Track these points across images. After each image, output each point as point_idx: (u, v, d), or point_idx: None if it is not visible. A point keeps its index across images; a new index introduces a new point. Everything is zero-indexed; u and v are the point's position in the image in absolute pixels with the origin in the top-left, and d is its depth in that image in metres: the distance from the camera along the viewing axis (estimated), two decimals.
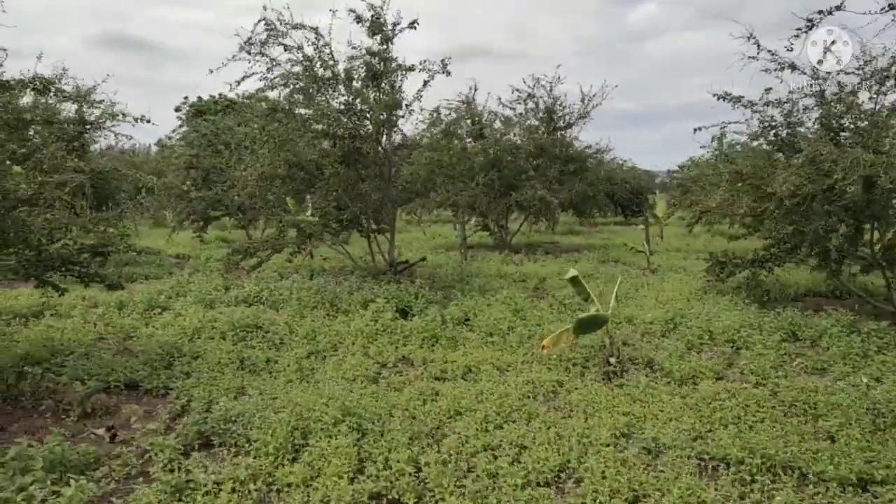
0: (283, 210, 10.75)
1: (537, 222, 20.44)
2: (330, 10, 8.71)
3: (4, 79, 5.06)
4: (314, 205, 10.23)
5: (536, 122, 16.52)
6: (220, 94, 38.42)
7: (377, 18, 8.81)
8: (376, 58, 8.99)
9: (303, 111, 9.41)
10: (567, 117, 16.58)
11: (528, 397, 5.41)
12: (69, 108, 12.65)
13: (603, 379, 5.93)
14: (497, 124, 16.73)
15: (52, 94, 5.34)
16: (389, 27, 9.00)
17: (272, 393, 5.44)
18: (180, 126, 34.39)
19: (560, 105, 16.31)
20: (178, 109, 40.32)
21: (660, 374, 6.12)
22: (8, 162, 5.48)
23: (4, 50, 5.12)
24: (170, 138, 33.33)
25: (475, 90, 15.82)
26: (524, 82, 16.32)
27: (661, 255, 15.70)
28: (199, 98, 38.43)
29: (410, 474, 3.93)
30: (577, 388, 5.65)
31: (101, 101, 12.32)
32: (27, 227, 5.17)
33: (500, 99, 16.95)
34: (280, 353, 6.80)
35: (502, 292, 9.46)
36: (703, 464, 4.17)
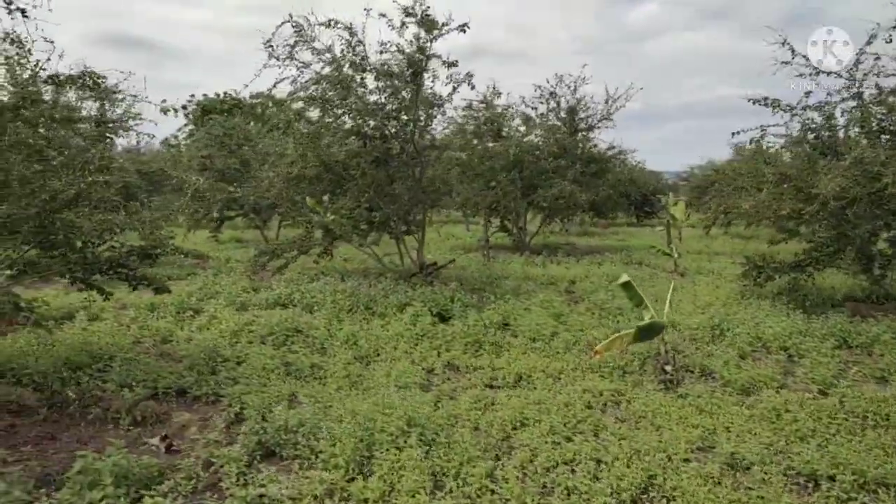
0: (312, 211, 10.59)
1: (551, 223, 20.30)
2: (364, 10, 8.56)
3: (54, 74, 4.90)
4: (342, 206, 10.05)
5: (558, 123, 16.33)
6: (225, 93, 38.25)
7: (428, 16, 8.62)
8: (420, 54, 8.79)
9: (337, 109, 9.23)
10: (589, 119, 16.40)
11: (590, 407, 5.25)
12: (90, 107, 12.49)
13: (662, 388, 5.77)
14: (516, 121, 16.55)
15: (100, 89, 5.17)
16: (428, 23, 8.80)
17: (325, 401, 5.29)
18: (186, 125, 34.12)
19: (583, 105, 16.13)
20: (184, 108, 40.19)
21: (718, 382, 5.96)
22: (54, 162, 5.32)
23: (51, 42, 4.96)
24: (175, 137, 32.99)
25: (493, 89, 15.66)
26: (547, 81, 16.14)
27: (683, 257, 15.53)
28: (205, 96, 38.28)
29: (492, 491, 3.78)
30: (637, 398, 5.49)
31: (123, 100, 12.16)
32: (76, 229, 5.02)
33: (523, 98, 16.68)
34: (324, 358, 6.64)
35: (538, 296, 9.31)
36: (791, 480, 4.01)
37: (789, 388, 5.84)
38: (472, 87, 9.51)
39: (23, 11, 4.10)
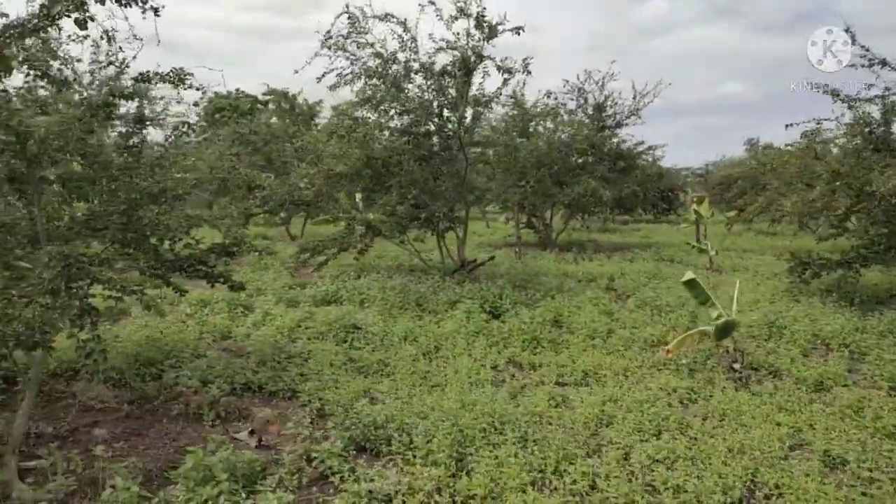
0: (353, 207, 10.62)
1: (573, 219, 20.26)
2: (419, 5, 8.54)
3: (144, 71, 4.91)
4: (386, 202, 10.06)
5: (587, 119, 16.28)
6: (237, 89, 38.24)
7: (484, 17, 8.59)
8: (473, 53, 8.77)
9: (389, 108, 9.24)
10: (617, 116, 16.33)
11: (670, 405, 5.25)
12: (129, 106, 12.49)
13: (734, 386, 5.76)
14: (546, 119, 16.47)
15: (185, 86, 5.18)
16: (486, 27, 8.77)
17: (403, 397, 5.31)
18: (198, 122, 34.05)
19: (611, 102, 16.08)
20: (196, 105, 40.16)
21: (790, 380, 5.94)
22: (129, 155, 5.33)
23: (140, 39, 4.98)
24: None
25: (524, 85, 15.66)
26: (577, 77, 16.10)
27: (718, 254, 15.44)
28: (216, 93, 38.27)
29: (601, 490, 3.79)
30: (712, 396, 5.49)
31: (161, 98, 12.18)
32: (161, 226, 5.05)
33: (554, 94, 16.59)
34: (387, 354, 6.66)
35: (584, 293, 9.30)
36: None
37: (859, 386, 5.83)
38: (529, 73, 9.48)
39: (155, 10, 4.11)
